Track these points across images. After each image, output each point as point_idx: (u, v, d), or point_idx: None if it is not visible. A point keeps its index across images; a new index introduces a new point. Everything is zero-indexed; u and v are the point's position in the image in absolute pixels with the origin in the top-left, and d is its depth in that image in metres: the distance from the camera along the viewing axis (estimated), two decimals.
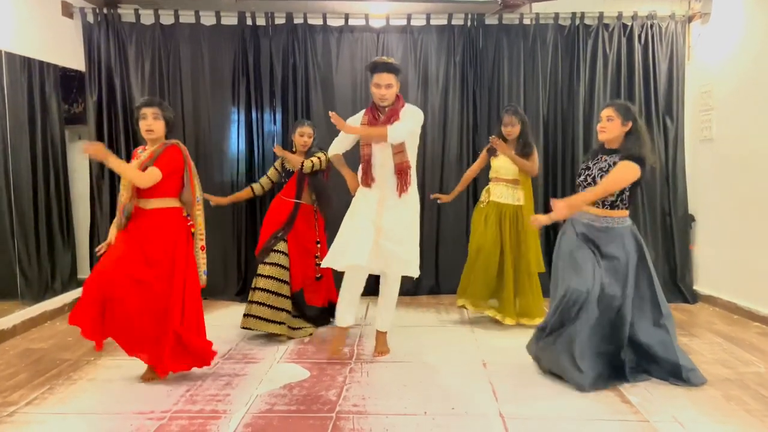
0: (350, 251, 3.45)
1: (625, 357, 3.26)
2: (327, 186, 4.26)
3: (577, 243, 3.30)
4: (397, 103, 3.56)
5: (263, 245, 4.12)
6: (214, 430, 2.73)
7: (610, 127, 3.22)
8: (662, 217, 5.28)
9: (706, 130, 5.11)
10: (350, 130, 3.46)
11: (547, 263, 3.98)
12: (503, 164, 4.31)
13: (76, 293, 5.03)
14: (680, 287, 5.14)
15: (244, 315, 4.03)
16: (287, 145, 4.56)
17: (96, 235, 5.14)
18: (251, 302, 4.02)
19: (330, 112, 3.35)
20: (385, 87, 3.46)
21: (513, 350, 3.68)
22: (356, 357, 3.73)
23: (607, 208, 3.28)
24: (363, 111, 3.67)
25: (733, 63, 4.79)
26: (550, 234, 5.05)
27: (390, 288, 3.72)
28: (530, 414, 2.89)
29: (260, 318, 3.98)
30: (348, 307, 3.68)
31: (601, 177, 3.21)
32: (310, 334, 4.15)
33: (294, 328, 4.11)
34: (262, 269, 4.05)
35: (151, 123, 3.17)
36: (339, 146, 3.77)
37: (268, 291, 4.00)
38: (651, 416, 2.85)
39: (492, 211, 4.31)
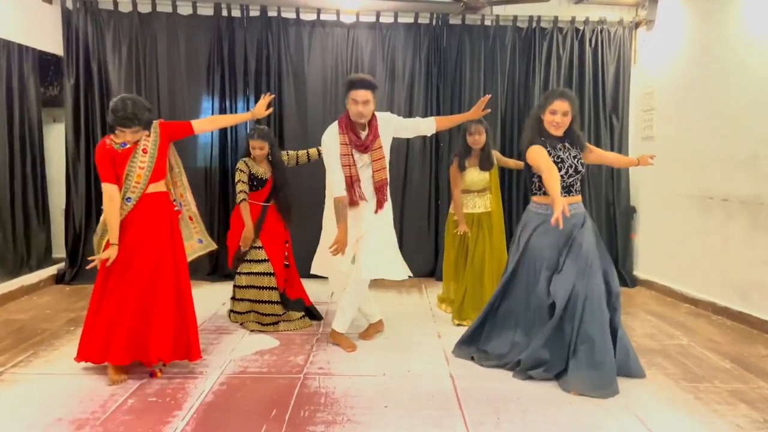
0: (333, 261, 3.54)
1: None
2: (291, 197, 4.18)
3: (558, 243, 3.21)
4: (373, 120, 3.48)
5: (234, 255, 4.08)
6: (192, 388, 3.00)
7: (565, 122, 3.19)
8: (606, 208, 5.72)
9: (648, 128, 5.55)
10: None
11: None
12: (473, 177, 4.34)
13: (51, 270, 5.21)
14: (621, 272, 5.57)
15: (236, 312, 4.10)
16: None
17: (71, 216, 5.28)
18: (240, 312, 4.08)
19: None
20: (362, 104, 3.35)
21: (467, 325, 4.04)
22: (322, 329, 4.04)
23: (577, 194, 3.30)
24: (335, 127, 3.50)
25: (673, 67, 5.22)
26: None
27: (349, 291, 3.63)
28: (476, 374, 3.25)
29: (254, 321, 4.03)
30: (364, 306, 3.81)
31: (582, 165, 3.26)
32: (306, 322, 4.14)
33: (290, 321, 4.09)
34: (239, 280, 4.05)
35: None
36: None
37: (253, 300, 4.04)
38: None
39: (468, 223, 4.28)
